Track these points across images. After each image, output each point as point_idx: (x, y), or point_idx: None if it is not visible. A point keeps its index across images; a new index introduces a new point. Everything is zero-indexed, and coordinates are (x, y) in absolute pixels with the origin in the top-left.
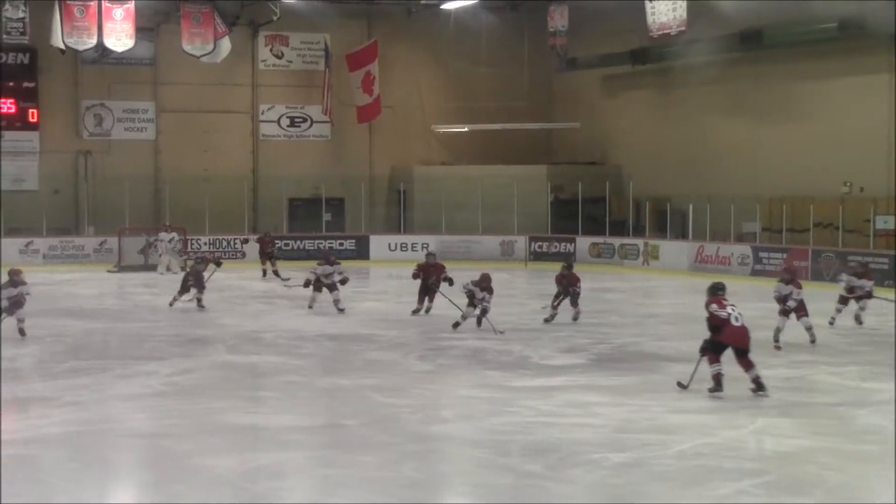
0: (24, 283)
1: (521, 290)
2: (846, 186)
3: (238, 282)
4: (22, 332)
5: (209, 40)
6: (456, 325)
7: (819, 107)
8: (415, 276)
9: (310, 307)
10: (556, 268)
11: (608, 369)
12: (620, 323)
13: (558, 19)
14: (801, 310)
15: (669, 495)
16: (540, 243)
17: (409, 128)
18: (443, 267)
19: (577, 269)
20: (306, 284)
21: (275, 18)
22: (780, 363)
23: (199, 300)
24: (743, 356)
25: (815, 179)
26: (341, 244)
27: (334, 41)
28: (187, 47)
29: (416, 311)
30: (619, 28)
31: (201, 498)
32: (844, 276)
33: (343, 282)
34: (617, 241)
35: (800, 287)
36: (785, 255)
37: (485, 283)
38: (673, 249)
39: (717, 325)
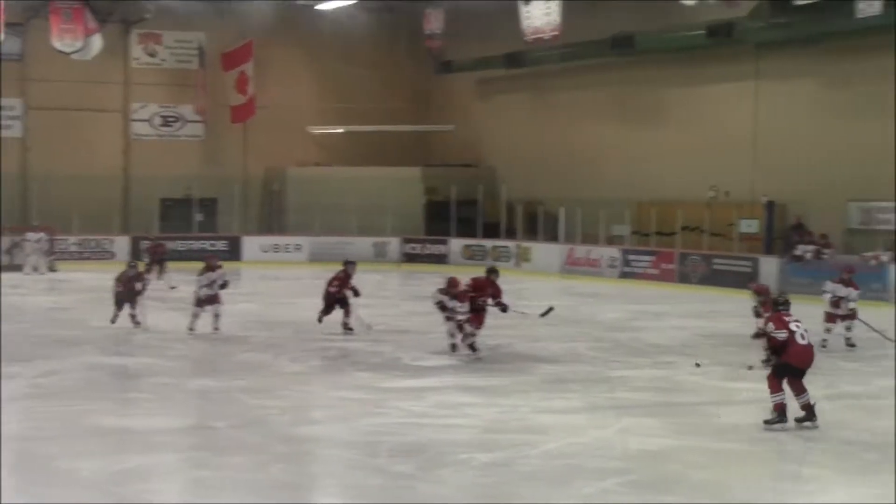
0: None
1: (394, 291)
2: (712, 191)
3: (108, 282)
4: None
5: (80, 37)
6: (452, 347)
7: (688, 112)
8: (334, 297)
9: (191, 329)
10: (430, 269)
11: (480, 370)
12: (493, 324)
13: (434, 22)
14: (853, 314)
15: (536, 495)
16: (413, 245)
17: (284, 128)
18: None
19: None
20: (198, 304)
21: (148, 16)
22: (646, 363)
23: (132, 317)
24: (799, 377)
25: (683, 184)
26: (213, 245)
27: (209, 40)
28: (57, 44)
29: (347, 327)
30: (495, 32)
31: (67, 500)
32: (829, 285)
33: (223, 286)
34: (489, 243)
35: (857, 289)
36: (653, 258)
37: (454, 290)
38: (544, 252)
39: (780, 346)
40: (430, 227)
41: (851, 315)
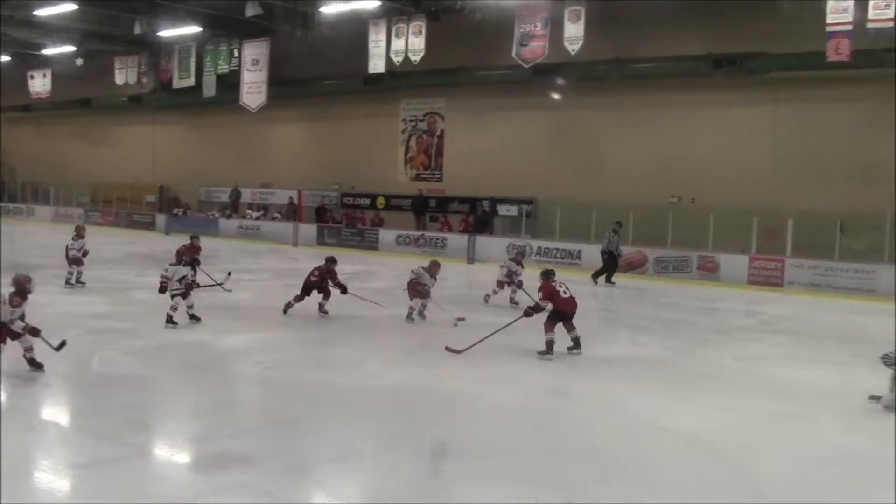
0: None
1: None
2: None
3: None
4: None
5: None
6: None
7: None
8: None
9: None
10: None
11: None
12: None
13: None
14: (520, 284)
15: None
16: None
17: None
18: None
19: None
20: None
21: None
22: None
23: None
24: (569, 320)
25: None
26: None
27: None
28: None
29: (289, 306)
30: None
31: None
32: (506, 263)
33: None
34: None
35: (523, 266)
36: None
37: (434, 270)
38: None
39: (551, 300)
40: None
41: (519, 284)
